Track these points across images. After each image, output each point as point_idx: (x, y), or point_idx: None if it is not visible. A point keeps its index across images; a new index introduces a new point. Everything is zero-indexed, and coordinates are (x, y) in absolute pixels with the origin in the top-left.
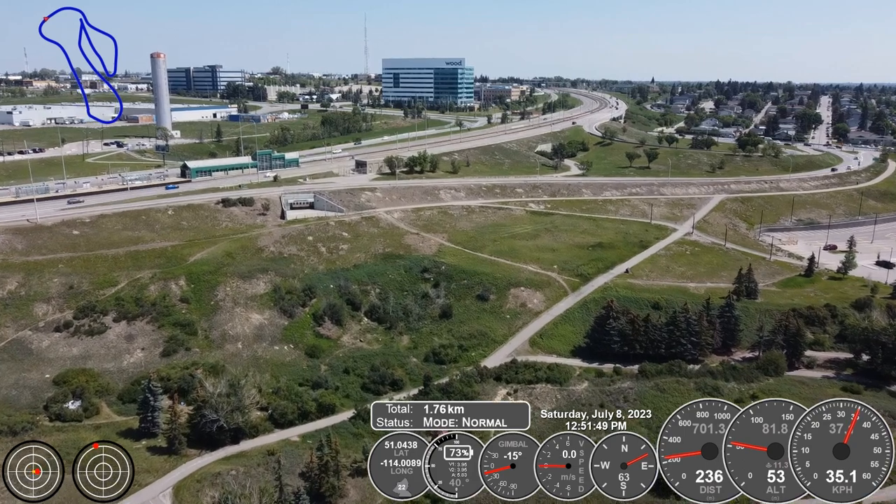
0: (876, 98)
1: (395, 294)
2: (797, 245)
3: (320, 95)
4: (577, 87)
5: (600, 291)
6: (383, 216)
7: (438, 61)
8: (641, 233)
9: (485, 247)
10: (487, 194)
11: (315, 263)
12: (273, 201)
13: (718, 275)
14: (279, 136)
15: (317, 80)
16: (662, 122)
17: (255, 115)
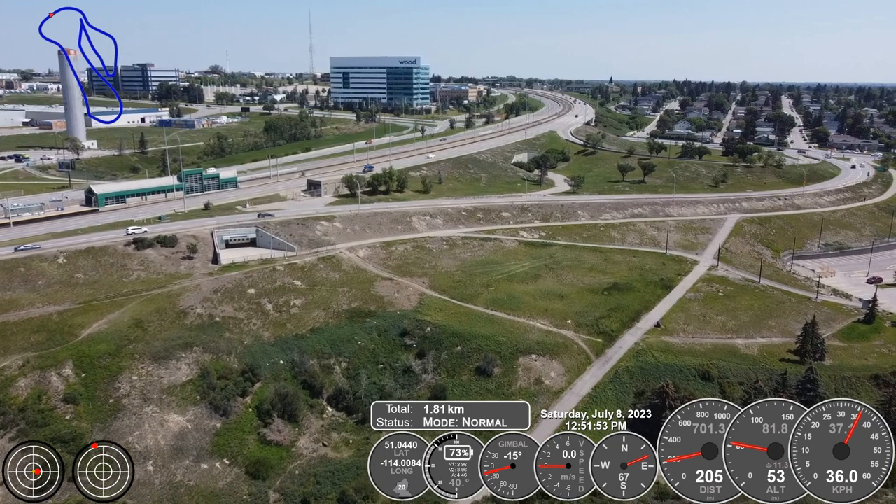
0: (835, 98)
1: (368, 369)
2: (835, 276)
3: (263, 96)
4: (533, 88)
5: (632, 357)
6: (346, 255)
7: (391, 60)
8: (659, 267)
9: (477, 295)
10: (469, 220)
11: (258, 329)
12: (203, 239)
13: (766, 325)
14: (215, 146)
15: (259, 79)
16: (633, 126)
17: (189, 120)
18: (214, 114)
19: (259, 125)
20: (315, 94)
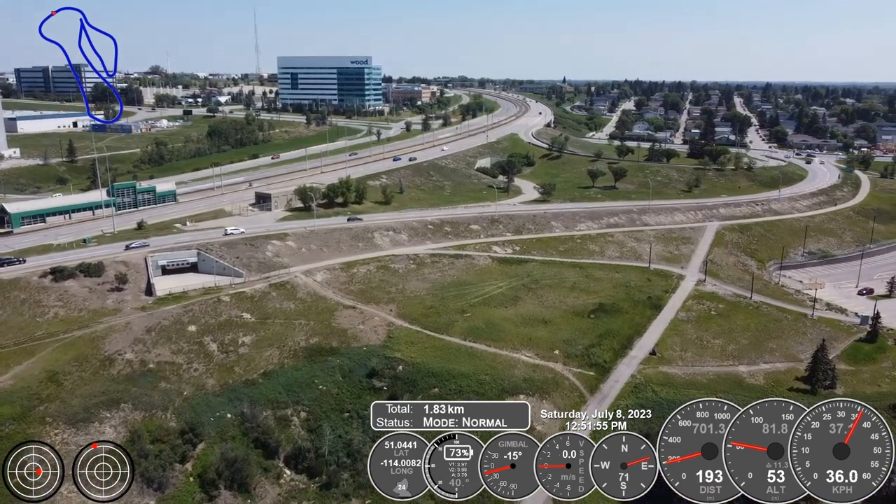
0: (783, 97)
1: (332, 420)
2: (824, 288)
3: (206, 98)
4: (486, 88)
5: (631, 393)
6: (301, 280)
7: (342, 60)
8: (644, 284)
9: (452, 324)
10: (436, 234)
11: (201, 376)
12: (135, 265)
13: (766, 348)
14: (153, 153)
15: (202, 80)
16: (592, 127)
17: (125, 124)
18: (154, 117)
19: (202, 129)
20: (262, 96)
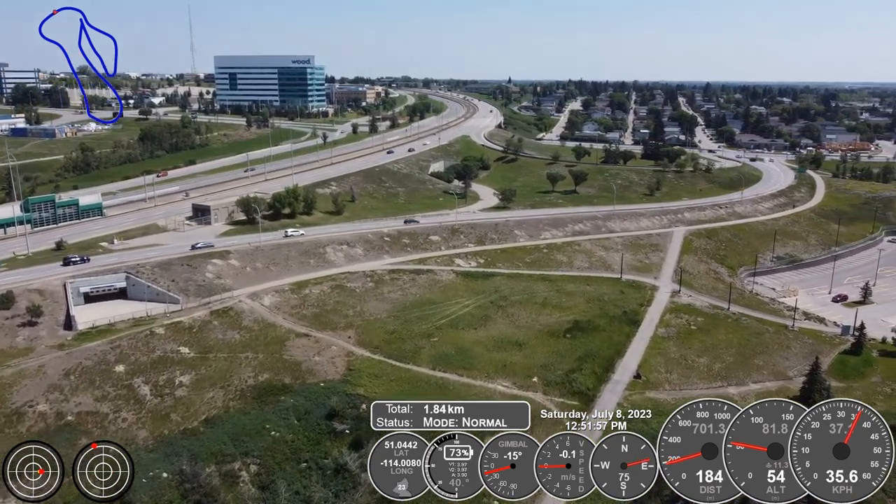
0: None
1: (288, 473)
2: (798, 296)
3: (139, 100)
4: (430, 88)
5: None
6: (247, 305)
7: (283, 59)
8: (618, 297)
9: (418, 351)
10: (394, 247)
11: (130, 427)
12: (52, 294)
13: (753, 365)
14: (79, 160)
15: (134, 81)
16: (541, 127)
17: (49, 128)
18: (81, 120)
19: (133, 133)
20: (199, 97)
